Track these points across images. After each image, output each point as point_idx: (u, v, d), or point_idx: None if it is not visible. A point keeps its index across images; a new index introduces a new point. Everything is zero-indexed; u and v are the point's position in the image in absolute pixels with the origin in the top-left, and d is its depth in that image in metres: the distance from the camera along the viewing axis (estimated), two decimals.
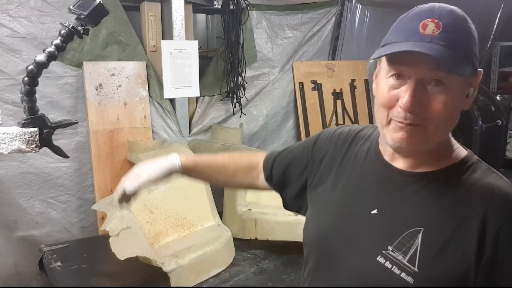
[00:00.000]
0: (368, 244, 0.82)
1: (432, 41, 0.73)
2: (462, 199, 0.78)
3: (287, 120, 3.00)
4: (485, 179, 0.79)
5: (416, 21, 0.76)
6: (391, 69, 0.78)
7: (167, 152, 2.24)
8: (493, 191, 0.77)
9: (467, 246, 0.74)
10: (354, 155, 0.95)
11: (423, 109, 0.75)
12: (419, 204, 0.80)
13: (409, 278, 0.76)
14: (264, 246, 1.98)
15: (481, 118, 2.81)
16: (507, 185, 0.79)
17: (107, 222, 1.60)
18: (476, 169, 0.81)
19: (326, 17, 3.03)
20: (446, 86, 0.75)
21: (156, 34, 2.38)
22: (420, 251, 0.77)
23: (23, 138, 1.35)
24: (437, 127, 0.77)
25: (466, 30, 0.76)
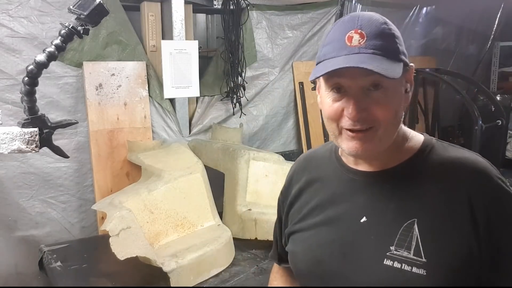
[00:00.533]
0: (370, 252, 0.82)
1: (360, 51, 0.78)
2: (439, 180, 0.81)
3: (287, 120, 3.00)
4: (451, 155, 0.84)
5: (341, 35, 0.80)
6: (329, 84, 0.82)
7: (167, 152, 2.25)
8: (464, 164, 0.81)
9: (461, 222, 0.77)
10: (318, 178, 0.97)
11: (369, 114, 0.79)
12: (403, 198, 0.83)
13: (421, 270, 0.77)
14: (264, 246, 1.98)
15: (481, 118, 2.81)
16: (471, 154, 0.84)
17: (107, 222, 1.60)
18: (438, 149, 0.86)
19: (326, 17, 3.03)
20: (384, 88, 0.79)
21: (156, 34, 2.38)
22: (422, 241, 0.78)
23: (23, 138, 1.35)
24: (386, 127, 0.80)
25: (388, 33, 0.81)
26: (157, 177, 1.97)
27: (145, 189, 1.89)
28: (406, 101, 0.85)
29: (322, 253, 0.89)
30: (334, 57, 0.79)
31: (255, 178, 2.15)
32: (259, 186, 2.15)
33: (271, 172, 2.19)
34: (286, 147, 3.02)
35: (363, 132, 0.80)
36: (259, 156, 2.19)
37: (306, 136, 2.98)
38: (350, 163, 0.91)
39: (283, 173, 2.20)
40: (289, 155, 2.90)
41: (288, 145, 3.04)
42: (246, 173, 2.13)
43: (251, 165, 2.15)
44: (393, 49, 0.80)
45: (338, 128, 0.83)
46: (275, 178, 2.19)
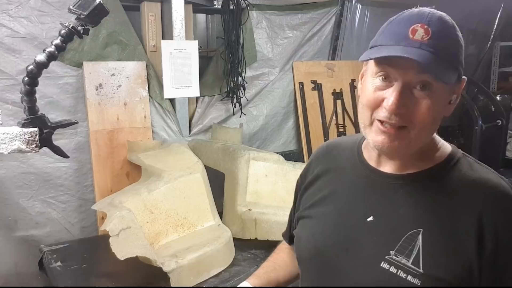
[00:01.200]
0: (369, 252, 0.82)
1: (420, 47, 0.74)
2: (455, 196, 0.79)
3: (287, 120, 3.00)
4: (474, 174, 0.81)
5: (405, 26, 0.77)
6: (378, 70, 0.79)
7: (167, 152, 2.25)
8: (485, 185, 0.78)
9: (467, 242, 0.75)
10: (336, 168, 0.96)
11: (407, 112, 0.76)
12: (414, 206, 0.81)
13: (416, 280, 0.76)
14: (264, 246, 1.98)
15: (481, 118, 2.81)
16: (495, 177, 0.80)
17: (107, 222, 1.60)
18: (463, 164, 0.83)
19: (326, 17, 3.03)
20: (431, 91, 0.76)
21: (156, 34, 2.38)
22: (423, 252, 0.77)
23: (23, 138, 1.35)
24: (420, 131, 0.78)
25: (454, 38, 0.78)
26: (157, 177, 1.97)
27: (145, 189, 1.88)
28: (447, 112, 0.82)
29: (325, 243, 0.89)
30: (392, 45, 0.77)
31: (255, 178, 2.15)
32: (259, 186, 2.15)
33: (271, 172, 2.19)
34: (286, 147, 3.02)
35: (395, 129, 0.78)
36: (259, 156, 2.19)
37: (306, 136, 2.98)
38: (370, 161, 0.89)
39: (283, 173, 2.21)
40: (289, 155, 2.90)
41: (288, 145, 3.04)
42: (246, 173, 2.13)
43: (251, 165, 2.15)
44: (454, 56, 0.77)
45: (371, 118, 0.81)
46: (275, 178, 2.19)
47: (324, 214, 0.93)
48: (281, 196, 2.17)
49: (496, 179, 0.80)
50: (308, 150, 2.97)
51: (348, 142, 1.00)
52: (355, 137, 1.00)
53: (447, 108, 0.82)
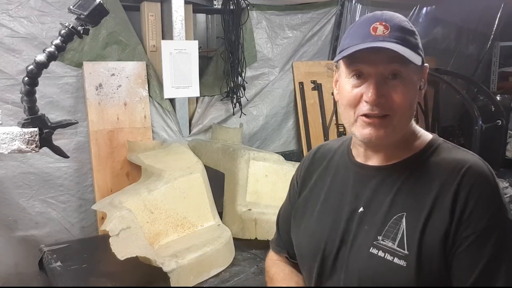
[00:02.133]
0: (361, 240, 0.88)
1: (384, 39, 0.83)
2: (435, 178, 0.84)
3: (287, 120, 3.00)
4: (452, 156, 0.87)
5: (366, 26, 0.86)
6: (351, 70, 0.86)
7: (167, 152, 2.25)
8: (462, 164, 0.84)
9: (443, 216, 0.81)
10: (330, 169, 1.02)
11: (387, 101, 0.84)
12: (398, 192, 0.87)
13: (402, 261, 0.82)
14: (264, 246, 1.97)
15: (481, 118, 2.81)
16: (473, 157, 0.86)
17: (107, 222, 1.60)
18: (442, 149, 0.89)
19: (326, 17, 3.03)
20: (402, 78, 0.84)
21: (156, 34, 2.38)
22: (407, 234, 0.83)
23: (23, 138, 1.36)
24: (401, 117, 0.85)
25: (410, 29, 0.87)
26: (157, 177, 1.97)
27: (145, 189, 1.88)
28: (419, 97, 0.90)
29: (324, 240, 0.94)
30: (358, 44, 0.84)
31: (255, 178, 2.15)
32: (259, 186, 2.15)
33: (271, 172, 2.19)
34: (286, 147, 3.02)
35: (379, 118, 0.84)
36: (259, 156, 2.19)
37: (306, 136, 2.98)
38: (358, 158, 0.96)
39: (283, 173, 2.21)
40: (289, 155, 2.90)
41: (288, 145, 3.04)
42: (246, 173, 2.13)
43: (251, 165, 2.15)
44: (414, 43, 0.86)
45: (354, 116, 0.87)
46: (275, 178, 2.19)
47: (321, 213, 0.99)
48: (281, 196, 2.15)
49: (473, 159, 0.85)
50: (308, 150, 2.97)
51: (338, 144, 1.07)
52: (344, 139, 1.06)
53: (419, 94, 0.90)
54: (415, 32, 0.88)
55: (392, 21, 0.86)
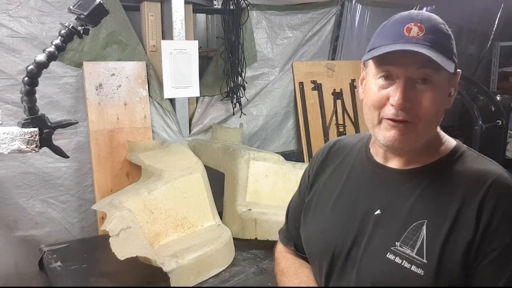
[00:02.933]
0: (377, 244, 0.85)
1: (418, 42, 0.79)
2: (459, 187, 0.81)
3: (287, 120, 3.00)
4: (477, 166, 0.83)
5: (400, 26, 0.83)
6: (379, 70, 0.83)
7: (167, 152, 2.25)
8: (487, 175, 0.80)
9: (468, 229, 0.77)
10: (345, 166, 0.99)
11: (413, 106, 0.80)
12: (419, 198, 0.83)
13: (419, 270, 0.79)
14: (264, 246, 1.98)
15: (481, 118, 2.81)
16: (497, 168, 0.83)
17: (107, 222, 1.60)
18: (467, 157, 0.86)
19: (326, 17, 3.03)
20: (432, 84, 0.80)
21: (156, 34, 2.38)
22: (427, 242, 0.80)
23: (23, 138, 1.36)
24: (426, 123, 0.82)
25: (446, 33, 0.83)
26: (157, 177, 1.97)
27: (145, 189, 1.88)
28: (448, 104, 0.87)
29: (335, 238, 0.92)
30: (390, 44, 0.81)
31: (255, 178, 2.15)
32: (259, 186, 2.15)
33: (271, 172, 2.19)
34: (286, 147, 3.02)
35: (404, 123, 0.81)
36: (259, 156, 2.19)
37: (306, 136, 2.98)
38: (377, 157, 0.93)
39: (283, 173, 2.21)
40: (289, 155, 2.90)
41: (288, 145, 3.04)
42: (246, 173, 2.13)
43: (251, 165, 2.15)
44: (449, 48, 0.82)
45: (378, 117, 0.84)
46: (275, 178, 2.19)
47: (333, 210, 0.96)
48: (281, 196, 2.17)
49: (498, 170, 0.82)
50: (308, 150, 2.96)
51: (356, 141, 1.03)
52: (362, 135, 1.03)
53: (448, 100, 0.86)
54: (451, 36, 0.83)
55: (428, 23, 0.81)
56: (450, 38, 0.83)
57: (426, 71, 0.79)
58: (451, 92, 0.86)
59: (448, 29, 0.84)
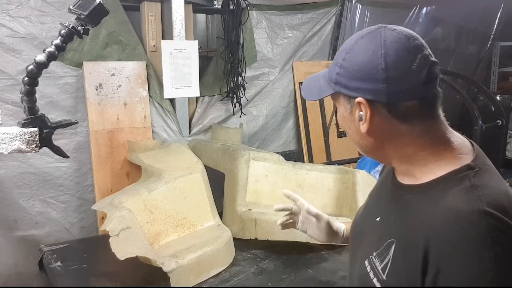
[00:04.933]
0: (367, 247, 0.89)
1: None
2: (428, 218, 0.75)
3: (287, 120, 3.00)
4: (453, 201, 0.73)
5: None
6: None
7: (167, 152, 2.25)
8: (446, 213, 0.72)
9: (417, 262, 0.73)
10: (380, 179, 1.05)
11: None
12: (400, 216, 0.83)
13: (378, 284, 0.82)
14: (264, 246, 1.98)
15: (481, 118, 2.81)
16: (465, 208, 0.71)
17: (107, 222, 1.60)
18: (464, 182, 0.75)
19: (326, 17, 3.03)
20: (339, 110, 0.94)
21: (156, 34, 2.38)
22: (391, 262, 0.80)
23: (23, 138, 1.36)
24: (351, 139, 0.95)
25: (335, 58, 0.89)
26: (157, 177, 1.97)
27: (145, 189, 1.88)
28: (361, 128, 0.84)
29: (354, 230, 1.05)
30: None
31: (255, 178, 2.15)
32: (259, 186, 2.15)
33: (271, 172, 2.19)
34: (286, 147, 3.02)
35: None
36: (259, 156, 2.19)
37: (306, 136, 2.98)
38: (396, 173, 0.90)
39: (283, 173, 2.21)
40: (289, 155, 2.90)
41: (288, 145, 3.04)
42: (246, 173, 2.13)
43: (251, 165, 2.15)
44: (329, 75, 0.90)
45: None
46: (275, 178, 2.19)
47: (362, 208, 1.06)
48: (281, 196, 2.16)
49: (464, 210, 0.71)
50: (308, 150, 2.96)
51: None
52: None
53: (356, 123, 0.86)
54: (335, 60, 0.86)
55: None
56: (336, 65, 0.84)
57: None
58: (357, 115, 0.82)
59: (345, 56, 0.82)
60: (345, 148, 3.12)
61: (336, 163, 2.90)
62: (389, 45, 0.77)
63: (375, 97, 0.78)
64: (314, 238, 1.28)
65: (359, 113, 0.82)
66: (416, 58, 0.77)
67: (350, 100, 0.83)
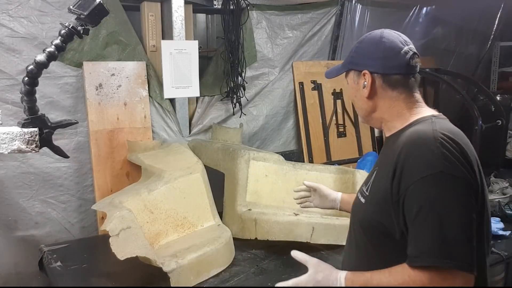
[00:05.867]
0: (363, 189, 1.22)
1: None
2: (399, 143, 1.08)
3: (287, 120, 3.00)
4: (415, 128, 1.10)
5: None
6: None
7: (167, 152, 2.25)
8: (411, 133, 1.08)
9: (389, 173, 1.06)
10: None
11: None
12: (382, 154, 1.21)
13: (363, 199, 1.18)
14: (264, 246, 1.98)
15: (481, 118, 2.80)
16: (424, 128, 1.07)
17: (107, 222, 1.60)
18: (423, 123, 1.11)
19: (326, 17, 3.03)
20: (348, 84, 1.31)
21: (156, 34, 2.38)
22: (372, 181, 1.16)
23: (23, 138, 1.36)
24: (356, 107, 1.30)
25: (351, 50, 1.26)
26: (157, 177, 1.97)
27: (145, 189, 1.89)
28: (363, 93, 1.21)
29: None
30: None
31: (255, 178, 2.15)
32: (259, 186, 2.15)
33: (271, 172, 2.19)
34: (286, 147, 3.02)
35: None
36: (259, 156, 2.19)
37: (306, 136, 2.98)
38: (385, 132, 1.25)
39: (283, 173, 2.21)
40: (289, 155, 2.90)
41: (288, 145, 3.04)
42: (246, 173, 2.13)
43: (251, 165, 2.15)
44: (347, 60, 1.27)
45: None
46: (275, 178, 2.19)
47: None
48: (281, 196, 2.17)
49: (422, 128, 1.07)
50: (308, 150, 2.97)
51: None
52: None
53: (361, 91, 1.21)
54: (352, 50, 1.24)
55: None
56: (351, 52, 1.24)
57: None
58: (362, 84, 1.19)
59: (358, 45, 1.22)
60: (345, 148, 3.12)
61: (336, 163, 2.90)
62: (386, 36, 1.16)
63: (375, 70, 1.17)
64: (319, 207, 1.68)
65: (363, 82, 1.19)
66: (404, 46, 1.15)
67: (358, 74, 1.20)
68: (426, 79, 3.51)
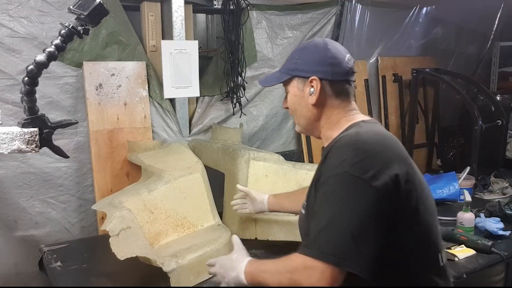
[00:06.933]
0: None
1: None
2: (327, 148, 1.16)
3: (287, 120, 3.00)
4: (342, 135, 1.16)
5: None
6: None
7: (167, 152, 2.25)
8: (339, 139, 1.13)
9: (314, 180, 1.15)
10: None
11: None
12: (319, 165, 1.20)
13: (304, 211, 1.23)
14: (264, 246, 1.98)
15: (481, 118, 2.80)
16: (350, 133, 1.13)
17: (107, 222, 1.60)
18: (350, 130, 1.16)
19: (326, 17, 3.03)
20: (288, 93, 1.34)
21: (156, 34, 2.38)
22: (308, 192, 1.21)
23: (23, 138, 1.36)
24: (295, 116, 1.32)
25: (290, 54, 1.31)
26: (157, 177, 1.97)
27: (145, 189, 1.89)
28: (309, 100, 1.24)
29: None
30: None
31: (255, 178, 2.15)
32: (259, 186, 2.15)
33: (271, 172, 2.19)
34: (286, 147, 3.02)
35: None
36: (259, 156, 2.19)
37: (306, 136, 2.98)
38: (323, 142, 1.28)
39: (283, 173, 2.21)
40: (289, 155, 2.90)
41: (288, 145, 3.04)
42: (246, 173, 2.13)
43: (251, 165, 2.15)
44: (285, 66, 1.31)
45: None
46: (275, 178, 2.19)
47: None
48: None
49: (349, 134, 1.13)
50: (308, 150, 2.96)
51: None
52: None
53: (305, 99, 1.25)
54: (291, 54, 1.30)
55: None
56: (290, 57, 1.28)
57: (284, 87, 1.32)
58: (308, 91, 1.22)
59: (301, 52, 1.25)
60: None
61: None
62: (330, 44, 1.21)
63: (324, 76, 1.19)
64: (252, 211, 1.83)
65: (310, 89, 1.21)
66: (346, 55, 1.22)
67: (304, 81, 1.22)
68: (426, 79, 3.51)
